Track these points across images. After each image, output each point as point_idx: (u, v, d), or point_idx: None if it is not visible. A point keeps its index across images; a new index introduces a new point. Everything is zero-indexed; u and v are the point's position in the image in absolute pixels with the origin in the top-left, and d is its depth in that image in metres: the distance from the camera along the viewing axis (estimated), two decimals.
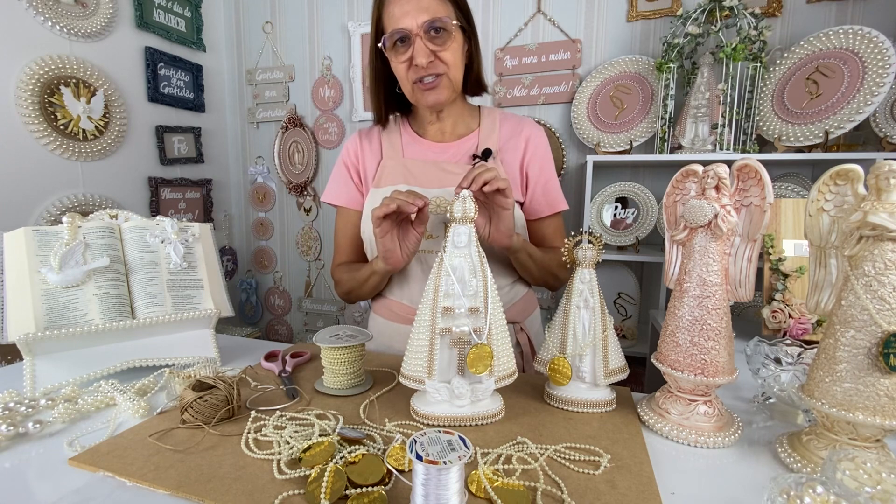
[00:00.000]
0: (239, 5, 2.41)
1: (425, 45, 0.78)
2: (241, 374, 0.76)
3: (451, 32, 0.80)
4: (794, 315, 1.01)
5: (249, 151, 2.52)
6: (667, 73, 1.61)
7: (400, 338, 0.91)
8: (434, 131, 0.94)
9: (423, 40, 0.78)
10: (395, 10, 0.79)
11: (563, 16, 1.90)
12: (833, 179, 0.52)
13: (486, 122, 0.94)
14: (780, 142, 1.51)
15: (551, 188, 0.94)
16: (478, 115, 0.96)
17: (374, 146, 0.95)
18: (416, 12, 0.77)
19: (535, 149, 0.93)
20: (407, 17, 0.77)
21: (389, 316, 0.95)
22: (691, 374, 0.57)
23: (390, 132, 0.96)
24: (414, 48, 0.78)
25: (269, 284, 2.59)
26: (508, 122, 0.95)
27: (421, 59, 0.78)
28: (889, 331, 0.46)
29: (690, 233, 0.59)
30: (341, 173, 0.97)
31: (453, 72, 0.83)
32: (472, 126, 0.95)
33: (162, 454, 0.53)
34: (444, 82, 0.83)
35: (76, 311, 0.74)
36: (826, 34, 1.48)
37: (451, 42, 0.81)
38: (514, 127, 0.94)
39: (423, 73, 0.80)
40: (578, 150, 1.95)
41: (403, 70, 0.82)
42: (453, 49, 0.81)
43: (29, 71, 1.61)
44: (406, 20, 0.77)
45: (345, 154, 0.98)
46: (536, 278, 0.93)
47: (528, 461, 0.51)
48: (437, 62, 0.80)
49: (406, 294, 0.91)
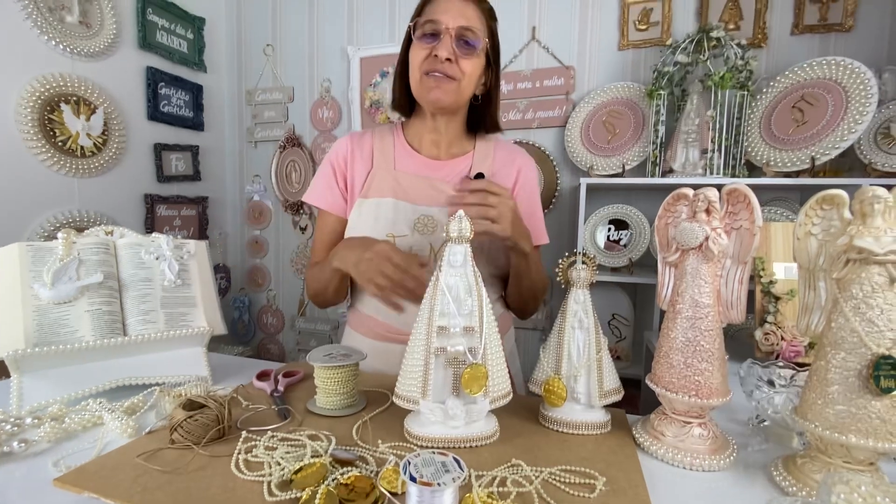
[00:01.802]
0: (241, 28, 2.47)
1: (451, 45, 0.81)
2: (232, 393, 0.75)
3: (478, 50, 0.84)
4: (787, 337, 1.02)
5: (247, 170, 2.54)
6: (657, 99, 1.66)
7: (376, 354, 0.89)
8: (429, 143, 0.94)
9: (451, 40, 0.81)
10: (440, 5, 0.82)
11: (556, 43, 1.96)
12: (819, 204, 0.54)
13: (481, 146, 0.96)
14: (769, 167, 1.55)
15: (535, 221, 0.95)
16: (473, 139, 0.98)
17: (365, 153, 0.94)
18: (456, 14, 0.81)
19: (525, 181, 0.96)
20: (447, 14, 0.81)
21: (367, 333, 0.93)
22: (685, 396, 0.57)
23: (383, 141, 0.95)
24: (441, 42, 0.81)
25: (263, 303, 2.57)
26: (502, 149, 0.98)
27: (442, 51, 0.81)
28: (878, 353, 0.46)
29: (682, 255, 0.60)
30: (327, 175, 0.95)
31: (465, 83, 0.85)
32: (467, 148, 0.96)
33: (150, 475, 0.51)
34: (452, 85, 0.84)
35: (67, 328, 0.73)
36: (810, 65, 1.54)
37: (474, 58, 0.84)
38: (508, 155, 0.96)
39: (437, 66, 0.82)
40: (572, 172, 1.98)
41: (421, 58, 0.83)
42: (474, 64, 0.84)
43: (30, 88, 1.63)
44: (445, 16, 0.81)
45: (333, 156, 0.95)
46: (522, 295, 0.93)
47: (523, 484, 0.51)
48: (454, 66, 0.82)
49: (383, 310, 0.89)
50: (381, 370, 0.87)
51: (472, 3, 0.84)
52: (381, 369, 0.88)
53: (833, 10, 1.63)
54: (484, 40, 0.84)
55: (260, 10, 2.42)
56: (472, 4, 0.84)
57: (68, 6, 1.73)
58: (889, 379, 0.46)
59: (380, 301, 0.78)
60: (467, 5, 0.83)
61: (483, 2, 0.86)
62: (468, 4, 0.83)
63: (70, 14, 1.74)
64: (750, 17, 1.71)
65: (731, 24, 1.73)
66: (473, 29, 0.82)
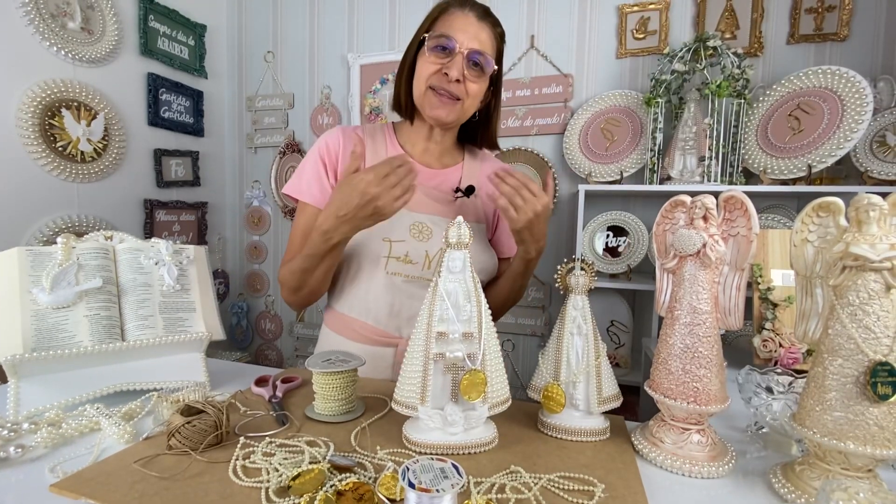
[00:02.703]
0: (242, 35, 2.48)
1: (462, 66, 0.82)
2: (230, 399, 0.75)
3: (486, 74, 0.85)
4: (785, 344, 1.02)
5: (246, 175, 2.54)
6: (655, 107, 1.67)
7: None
8: (422, 151, 0.94)
9: (463, 60, 0.82)
10: (457, 23, 0.82)
11: (555, 52, 1.98)
12: (815, 211, 0.54)
13: (470, 159, 0.98)
14: (766, 174, 1.56)
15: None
16: (463, 151, 1.00)
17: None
18: (472, 35, 0.82)
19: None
20: (464, 33, 0.81)
21: (350, 335, 0.90)
22: (684, 402, 0.57)
23: (375, 141, 0.93)
24: (453, 61, 0.81)
25: (261, 308, 2.57)
26: (490, 163, 1.00)
27: (454, 72, 0.81)
28: (875, 360, 0.47)
29: (680, 261, 0.61)
30: (314, 168, 0.90)
31: (469, 103, 0.86)
32: (457, 159, 0.98)
33: (147, 481, 0.51)
34: (457, 105, 0.85)
35: (65, 333, 0.73)
36: (806, 73, 1.56)
37: (481, 81, 0.85)
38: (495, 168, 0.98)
39: (445, 84, 0.83)
40: (571, 179, 1.99)
41: (429, 71, 0.83)
42: (480, 86, 0.85)
43: (31, 94, 1.64)
44: (461, 35, 0.81)
45: (323, 148, 0.90)
46: (506, 297, 0.94)
47: (522, 490, 0.51)
48: (461, 86, 0.83)
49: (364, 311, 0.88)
50: (367, 374, 0.86)
51: (488, 26, 0.84)
52: (367, 374, 0.86)
53: (828, 19, 1.65)
54: (494, 66, 0.85)
55: (261, 18, 2.44)
56: (488, 28, 0.84)
57: (70, 13, 1.74)
58: (886, 385, 0.46)
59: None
60: (483, 28, 0.83)
61: (497, 26, 0.87)
62: (483, 27, 0.84)
63: (72, 20, 1.75)
64: (746, 27, 1.73)
65: (728, 34, 1.75)
66: (486, 53, 0.83)
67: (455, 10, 0.84)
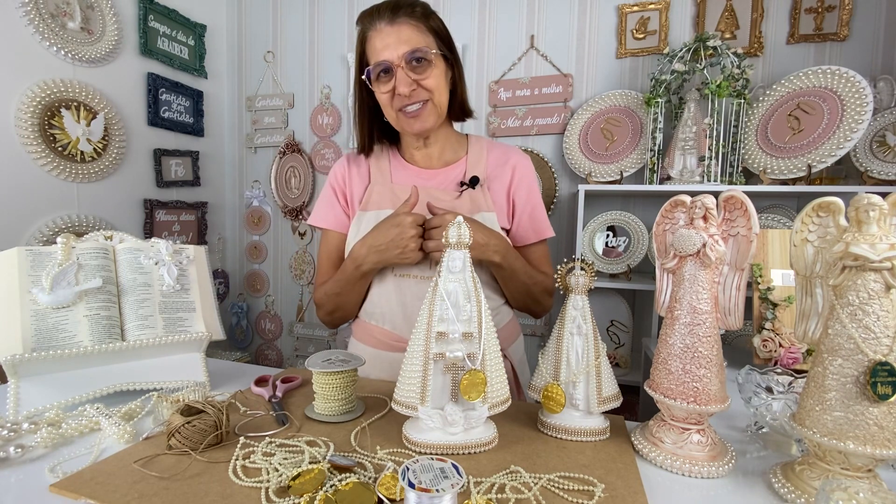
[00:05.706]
0: (241, 35, 2.48)
1: (407, 75, 0.81)
2: (230, 398, 0.75)
3: (432, 61, 0.83)
4: (785, 344, 1.02)
5: (246, 175, 2.54)
6: (655, 107, 1.67)
7: (379, 364, 0.89)
8: (421, 157, 0.95)
9: (404, 70, 0.81)
10: (377, 43, 0.82)
11: (555, 51, 1.98)
12: (815, 211, 0.54)
13: (474, 149, 0.96)
14: (766, 174, 1.56)
15: (538, 215, 0.95)
16: (466, 143, 0.98)
17: (362, 170, 0.96)
18: (396, 44, 0.80)
19: (522, 177, 0.95)
20: (388, 49, 0.80)
21: (374, 343, 0.93)
22: (684, 402, 0.57)
23: (379, 158, 0.97)
24: (396, 78, 0.81)
25: (261, 308, 2.57)
26: (496, 150, 0.97)
27: (403, 88, 0.81)
28: (875, 359, 0.47)
29: (680, 261, 0.61)
30: (328, 196, 0.98)
31: (437, 97, 0.85)
32: (460, 153, 0.96)
33: (146, 481, 0.51)
34: (428, 108, 0.84)
35: (65, 333, 0.73)
36: (805, 73, 1.56)
37: (433, 69, 0.83)
38: (502, 155, 0.96)
39: (406, 101, 0.83)
40: (570, 179, 1.99)
41: (387, 99, 0.84)
42: (435, 75, 0.84)
43: (31, 93, 1.64)
44: (387, 52, 0.80)
45: (332, 177, 0.99)
46: (518, 299, 0.93)
47: (522, 490, 0.51)
48: (419, 90, 0.83)
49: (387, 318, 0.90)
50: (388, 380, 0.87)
51: (404, 20, 0.81)
52: (387, 380, 0.87)
53: (828, 19, 1.65)
54: (433, 49, 0.83)
55: (261, 18, 2.44)
56: (405, 22, 0.81)
57: (70, 13, 1.74)
58: (886, 385, 0.46)
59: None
60: (400, 27, 0.80)
61: (412, 12, 0.82)
62: (400, 26, 0.80)
63: (72, 20, 1.75)
64: (746, 27, 1.73)
65: (728, 34, 1.75)
66: (419, 46, 0.80)
67: (370, 32, 0.83)
